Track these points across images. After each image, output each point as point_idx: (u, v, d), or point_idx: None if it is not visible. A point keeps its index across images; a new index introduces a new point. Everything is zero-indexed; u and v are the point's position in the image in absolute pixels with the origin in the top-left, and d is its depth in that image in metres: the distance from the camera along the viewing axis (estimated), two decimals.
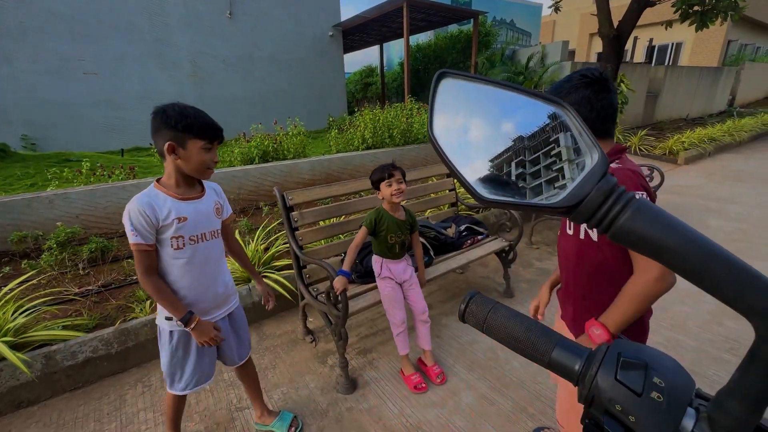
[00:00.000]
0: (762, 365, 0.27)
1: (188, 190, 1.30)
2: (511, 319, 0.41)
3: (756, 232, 3.77)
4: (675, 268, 0.29)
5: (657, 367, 0.33)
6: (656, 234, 0.28)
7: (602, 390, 0.33)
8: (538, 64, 9.96)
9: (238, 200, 4.30)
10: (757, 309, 0.26)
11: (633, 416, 0.31)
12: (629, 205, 0.29)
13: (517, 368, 2.05)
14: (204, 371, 1.43)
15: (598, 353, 0.36)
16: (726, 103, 14.59)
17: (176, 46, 8.44)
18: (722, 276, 0.27)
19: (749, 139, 9.06)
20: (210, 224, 1.35)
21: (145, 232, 1.20)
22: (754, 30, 19.88)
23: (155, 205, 1.22)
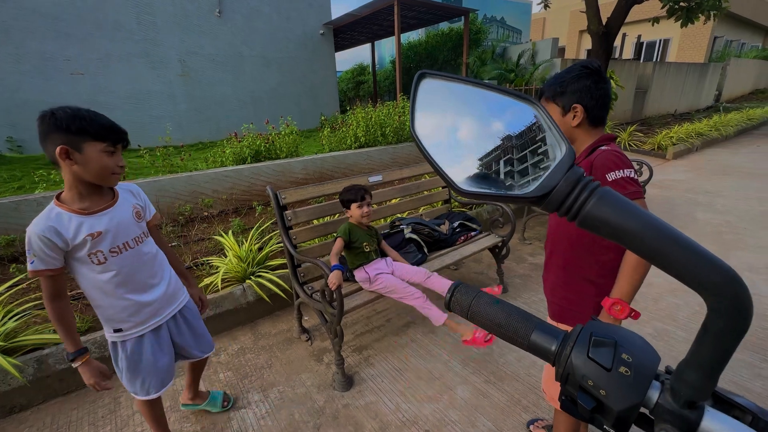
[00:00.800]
0: (713, 336, 0.29)
1: (95, 202, 1.18)
2: (493, 306, 0.43)
3: (742, 224, 3.86)
4: (635, 250, 0.30)
5: (625, 344, 0.35)
6: (618, 220, 0.30)
7: (576, 367, 0.35)
8: (529, 61, 10.03)
9: (231, 200, 4.28)
10: (705, 284, 0.28)
11: (603, 390, 0.34)
12: (594, 193, 0.31)
13: (511, 362, 2.08)
14: (165, 372, 1.39)
15: (572, 334, 0.38)
16: (713, 98, 14.85)
17: (164, 45, 8.33)
18: (676, 256, 0.29)
19: (735, 134, 9.24)
20: (130, 232, 1.25)
21: (48, 258, 1.10)
22: (739, 26, 20.25)
23: (58, 227, 1.10)
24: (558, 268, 1.22)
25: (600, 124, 1.14)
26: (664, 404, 0.33)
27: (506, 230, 2.78)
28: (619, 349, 0.35)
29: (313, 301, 2.04)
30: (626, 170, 1.03)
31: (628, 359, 0.34)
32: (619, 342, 0.35)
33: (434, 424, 1.71)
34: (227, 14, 9.07)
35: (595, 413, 0.35)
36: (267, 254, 2.83)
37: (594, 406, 0.34)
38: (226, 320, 2.45)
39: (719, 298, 0.28)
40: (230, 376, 2.08)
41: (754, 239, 3.49)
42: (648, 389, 0.33)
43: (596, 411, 0.35)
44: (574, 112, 1.11)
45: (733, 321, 0.28)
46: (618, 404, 0.33)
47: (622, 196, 0.32)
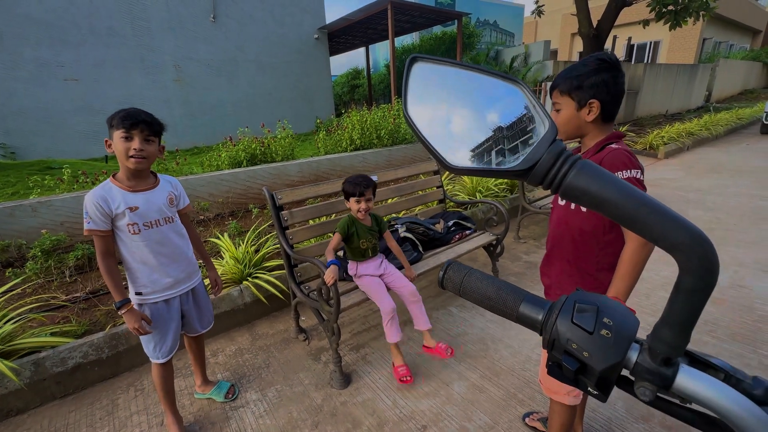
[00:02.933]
0: (684, 294, 0.32)
1: (139, 183, 1.47)
2: (483, 281, 0.45)
3: (732, 220, 3.93)
4: (613, 216, 0.33)
5: (606, 310, 0.37)
6: (597, 189, 0.32)
7: (561, 333, 0.38)
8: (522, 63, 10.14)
9: (227, 203, 4.29)
10: (676, 245, 0.31)
11: (587, 352, 0.36)
12: (575, 165, 0.33)
13: (506, 357, 2.10)
14: (172, 339, 1.61)
15: (557, 303, 0.40)
16: (703, 98, 15.06)
17: (159, 50, 8.35)
18: (650, 220, 0.31)
19: (725, 133, 9.38)
20: (162, 212, 1.51)
21: (99, 220, 1.37)
22: (727, 28, 20.60)
23: (108, 197, 1.39)
24: (562, 260, 1.24)
25: (611, 120, 1.15)
26: (643, 363, 0.35)
27: (500, 229, 2.82)
28: (601, 313, 0.37)
29: (310, 300, 2.06)
30: (634, 170, 1.05)
31: (609, 323, 0.36)
32: (601, 308, 0.37)
33: (431, 419, 1.73)
34: (221, 19, 9.11)
35: (579, 375, 0.37)
36: (263, 256, 2.84)
37: (578, 368, 0.37)
38: (224, 322, 2.45)
39: (688, 257, 0.31)
40: (228, 376, 2.08)
41: (743, 235, 3.55)
42: (628, 350, 0.36)
43: (580, 372, 0.37)
44: (590, 107, 1.10)
45: (701, 279, 0.31)
46: (600, 364, 0.35)
47: (600, 167, 0.34)
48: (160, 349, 1.58)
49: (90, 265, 3.01)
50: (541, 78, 9.39)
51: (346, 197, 2.07)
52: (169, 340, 1.60)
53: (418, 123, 0.38)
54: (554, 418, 1.35)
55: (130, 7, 7.83)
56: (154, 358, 1.60)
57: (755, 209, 4.20)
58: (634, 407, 1.73)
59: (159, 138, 1.46)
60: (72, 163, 5.39)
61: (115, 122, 1.34)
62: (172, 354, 1.62)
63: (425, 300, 2.74)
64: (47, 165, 5.79)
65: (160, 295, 1.55)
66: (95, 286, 2.72)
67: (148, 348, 1.59)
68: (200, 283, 1.74)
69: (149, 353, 1.60)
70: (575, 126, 1.16)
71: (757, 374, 0.36)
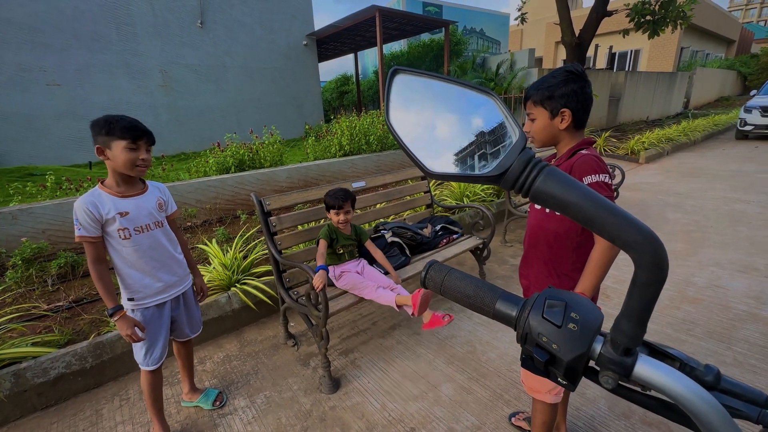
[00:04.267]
0: (639, 288, 0.35)
1: (129, 188, 1.49)
2: (463, 280, 0.48)
3: (708, 223, 4.07)
4: (576, 218, 0.36)
5: (574, 305, 0.40)
6: (561, 193, 0.35)
7: (533, 327, 0.41)
8: (508, 70, 10.35)
9: (215, 209, 4.26)
10: (630, 243, 0.34)
11: (555, 344, 0.39)
12: (542, 171, 0.36)
13: (493, 359, 2.14)
14: (162, 346, 1.62)
15: (530, 300, 0.43)
16: (681, 105, 15.58)
17: (145, 55, 8.27)
18: (607, 221, 0.34)
19: (702, 138, 9.72)
20: (152, 216, 1.54)
21: (89, 226, 1.38)
22: (703, 37, 21.40)
23: (98, 203, 1.40)
24: (539, 262, 1.30)
25: (582, 127, 1.22)
26: (606, 354, 0.38)
27: (487, 233, 2.87)
28: (569, 309, 0.40)
29: (299, 305, 2.07)
30: (602, 175, 1.11)
31: (576, 317, 0.39)
32: (569, 303, 0.40)
33: (420, 422, 1.75)
34: (209, 25, 9.09)
35: (549, 366, 0.40)
36: (252, 262, 2.83)
37: (548, 359, 0.40)
38: (212, 328, 2.43)
39: (641, 254, 0.34)
40: (216, 383, 2.07)
41: (719, 237, 3.68)
42: (593, 342, 0.39)
43: (550, 363, 0.40)
44: (562, 116, 1.16)
45: (653, 273, 0.34)
46: (567, 355, 0.38)
47: (565, 173, 0.37)
48: (151, 355, 1.58)
49: (73, 273, 2.96)
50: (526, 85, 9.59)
51: (327, 209, 2.22)
52: (160, 346, 1.60)
53: (399, 131, 0.41)
54: (536, 416, 1.38)
55: (114, 11, 7.75)
56: (144, 365, 1.59)
57: (731, 212, 4.36)
58: (616, 405, 1.78)
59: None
60: (55, 170, 5.28)
61: (118, 132, 1.35)
62: (162, 360, 1.62)
63: None
64: (28, 172, 5.66)
65: (152, 300, 1.55)
66: (78, 295, 2.67)
67: (138, 355, 1.58)
68: (190, 287, 1.76)
69: (139, 360, 1.59)
70: (549, 134, 1.21)
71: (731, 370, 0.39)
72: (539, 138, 1.23)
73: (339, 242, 2.22)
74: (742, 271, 3.00)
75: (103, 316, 2.39)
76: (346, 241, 2.25)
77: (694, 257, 3.28)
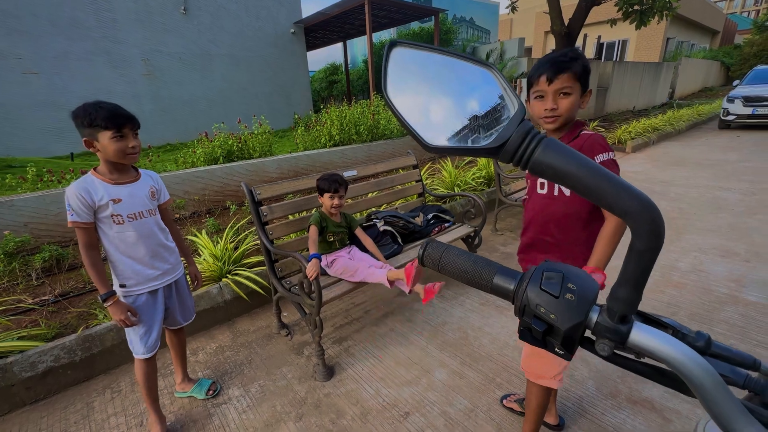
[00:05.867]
0: (635, 255, 0.36)
1: (121, 176, 1.48)
2: (460, 256, 0.48)
3: (692, 210, 4.18)
4: (574, 188, 0.36)
5: (571, 277, 0.41)
6: (561, 164, 0.36)
7: (530, 299, 0.41)
8: (498, 60, 10.34)
9: (204, 201, 4.20)
10: (628, 211, 0.34)
11: (553, 314, 0.40)
12: (541, 142, 0.36)
13: (485, 344, 2.18)
14: (156, 333, 1.61)
15: (527, 273, 0.43)
16: (667, 95, 15.80)
17: (126, 43, 8.00)
18: (606, 190, 0.35)
19: (687, 128, 9.90)
20: (145, 204, 1.54)
21: (82, 212, 1.38)
22: (689, 28, 21.65)
23: (90, 189, 1.40)
24: (553, 246, 1.28)
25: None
26: (602, 322, 0.39)
27: (478, 221, 2.90)
28: (566, 280, 0.41)
29: (292, 294, 2.06)
30: (611, 153, 1.14)
31: (573, 288, 0.40)
32: (566, 275, 0.41)
33: (413, 406, 1.78)
34: (193, 11, 8.82)
35: (546, 336, 0.41)
36: (243, 252, 2.81)
37: (545, 329, 0.40)
38: (204, 319, 2.42)
39: (638, 222, 0.34)
40: (209, 374, 2.06)
41: (702, 223, 3.79)
42: (590, 312, 0.40)
43: (547, 334, 0.41)
44: (589, 95, 1.17)
45: (650, 241, 0.35)
46: (565, 324, 0.39)
47: (563, 144, 0.37)
48: (145, 342, 1.57)
49: (58, 266, 2.89)
50: (516, 74, 9.60)
51: (320, 193, 2.20)
52: (154, 333, 1.60)
53: (397, 105, 0.40)
54: (532, 399, 1.40)
55: None
56: (138, 353, 1.58)
57: (713, 199, 4.47)
58: (603, 385, 1.83)
59: None
60: (35, 162, 5.11)
61: (100, 122, 1.32)
62: (156, 349, 1.62)
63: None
64: (7, 163, 5.47)
65: (144, 287, 1.55)
66: (64, 288, 2.62)
67: (133, 342, 1.58)
68: (183, 275, 1.75)
69: (134, 348, 1.58)
70: (574, 113, 1.17)
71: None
72: (567, 116, 1.16)
73: (329, 229, 2.21)
74: (724, 255, 3.09)
75: (92, 308, 2.35)
76: (337, 228, 2.25)
77: (678, 243, 3.37)
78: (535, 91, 1.19)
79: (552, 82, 1.13)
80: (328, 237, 2.23)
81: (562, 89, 1.13)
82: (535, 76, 1.17)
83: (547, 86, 1.14)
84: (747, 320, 2.26)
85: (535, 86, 1.18)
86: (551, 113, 1.16)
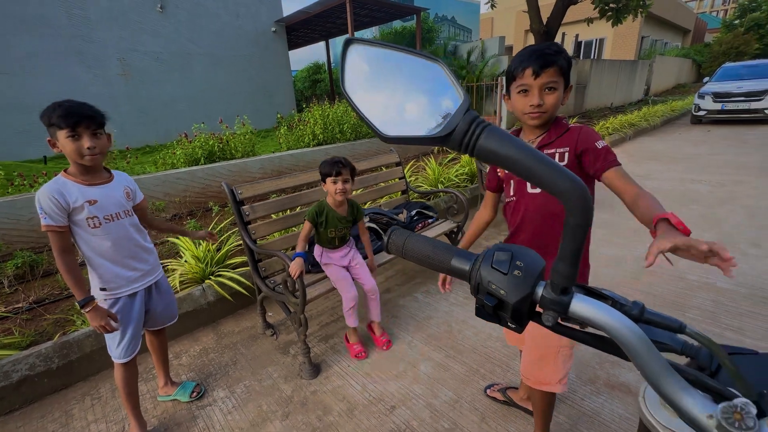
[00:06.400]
0: (570, 230, 0.38)
1: (94, 177, 1.45)
2: (422, 242, 0.50)
3: (665, 203, 4.26)
4: (514, 170, 0.39)
5: (519, 255, 0.44)
6: (503, 149, 0.38)
7: (483, 277, 0.44)
8: (479, 58, 10.46)
9: (185, 203, 4.12)
10: (561, 190, 0.37)
11: (503, 290, 0.42)
12: (485, 129, 0.38)
13: (469, 337, 2.22)
14: (135, 337, 1.58)
15: (481, 254, 0.46)
16: (642, 92, 16.30)
17: (100, 42, 7.77)
18: (543, 172, 0.37)
19: (661, 123, 10.24)
20: (121, 205, 1.51)
21: (55, 215, 1.32)
22: (662, 27, 22.37)
23: (64, 191, 1.35)
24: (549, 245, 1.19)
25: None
26: (547, 295, 0.42)
27: (461, 217, 2.94)
28: (514, 258, 0.44)
29: (276, 293, 2.06)
30: (603, 141, 1.13)
31: (521, 264, 0.43)
32: (515, 253, 0.44)
33: (399, 399, 1.80)
34: (170, 9, 8.62)
35: (498, 310, 0.44)
36: (226, 253, 2.78)
37: (496, 304, 0.43)
38: (187, 322, 2.38)
39: (572, 200, 0.37)
40: (193, 376, 2.03)
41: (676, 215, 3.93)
42: (536, 286, 0.43)
43: (499, 308, 0.44)
44: (570, 90, 1.13)
45: (581, 217, 0.37)
46: (513, 298, 0.42)
47: (504, 131, 0.39)
48: (126, 347, 1.54)
49: (32, 273, 2.80)
50: (497, 72, 9.74)
51: (323, 179, 1.97)
52: (133, 337, 1.57)
53: (355, 99, 0.42)
54: (538, 404, 1.37)
55: None
56: (117, 358, 1.55)
57: (685, 192, 4.65)
58: (582, 372, 1.89)
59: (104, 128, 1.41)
60: (5, 165, 4.91)
61: (55, 120, 1.27)
62: (135, 352, 1.59)
63: (393, 288, 2.82)
64: None
65: (125, 290, 1.52)
66: (39, 296, 2.53)
67: (111, 347, 1.55)
68: (163, 276, 1.73)
69: (113, 352, 1.55)
70: (557, 109, 1.13)
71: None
72: (552, 112, 1.12)
73: (330, 224, 1.99)
74: None
75: (68, 315, 2.28)
76: (339, 223, 2.00)
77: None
78: (520, 85, 1.10)
79: (538, 76, 1.06)
80: (330, 232, 2.01)
81: (549, 84, 1.07)
82: (519, 69, 1.08)
83: (533, 80, 1.07)
84: (717, 305, 2.36)
85: (519, 80, 1.10)
86: (537, 109, 1.10)
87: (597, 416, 1.64)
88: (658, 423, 0.41)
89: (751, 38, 21.49)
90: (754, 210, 3.87)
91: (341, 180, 1.92)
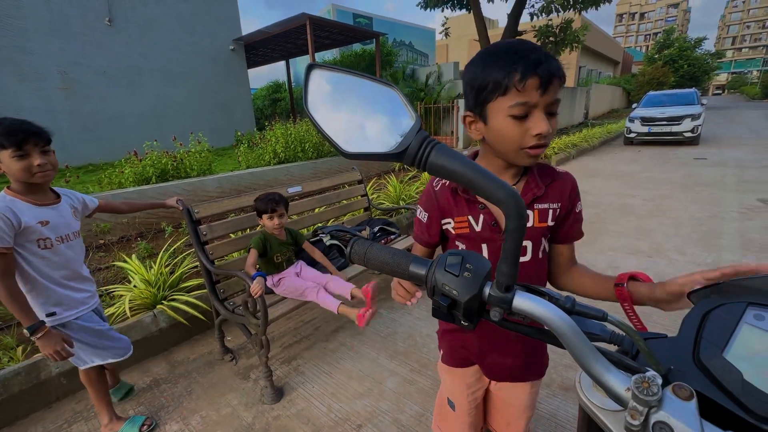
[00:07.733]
0: (509, 234, 0.44)
1: (42, 197, 1.40)
2: (382, 250, 0.54)
3: (606, 215, 4.74)
4: (462, 183, 0.44)
5: (469, 258, 0.49)
6: (450, 164, 0.44)
7: (438, 279, 0.48)
8: (436, 81, 11.00)
9: (134, 224, 3.87)
10: (500, 198, 0.43)
11: (455, 290, 0.47)
12: (435, 147, 0.44)
13: (433, 350, 2.25)
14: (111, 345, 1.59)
15: (436, 259, 0.51)
16: (582, 115, 17.89)
17: (39, 54, 7.25)
18: (484, 184, 0.43)
19: (599, 144, 11.27)
20: (70, 226, 1.48)
21: (4, 234, 1.25)
22: (597, 58, 24.95)
23: (15, 209, 1.28)
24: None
25: None
26: (493, 293, 0.47)
27: None
28: (465, 261, 0.48)
29: (236, 315, 1.98)
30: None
31: (470, 267, 0.48)
32: (465, 257, 0.49)
33: (366, 418, 1.78)
34: (119, 23, 8.28)
35: (451, 309, 0.48)
36: (180, 276, 2.63)
37: (449, 304, 0.47)
38: (136, 352, 2.18)
39: (509, 206, 0.42)
40: (143, 411, 1.88)
41: (614, 226, 4.31)
42: (484, 286, 0.47)
43: (452, 308, 0.48)
44: None
45: (517, 222, 0.43)
46: (463, 297, 0.47)
47: (450, 148, 0.45)
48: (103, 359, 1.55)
49: None
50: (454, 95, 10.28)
51: (258, 215, 2.14)
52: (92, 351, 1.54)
53: (317, 118, 0.46)
54: None
55: None
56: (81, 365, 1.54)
57: (622, 206, 5.12)
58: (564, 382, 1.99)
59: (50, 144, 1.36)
60: None
61: None
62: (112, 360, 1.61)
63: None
64: None
65: (75, 311, 1.48)
66: None
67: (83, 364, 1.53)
68: (99, 304, 1.68)
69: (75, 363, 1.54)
70: None
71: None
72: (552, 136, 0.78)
73: (274, 250, 2.15)
74: (632, 253, 3.55)
75: None
76: (282, 247, 2.19)
77: (596, 244, 3.80)
78: (517, 103, 0.70)
79: (546, 92, 0.70)
80: (275, 258, 2.17)
81: (554, 103, 0.73)
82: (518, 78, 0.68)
83: (539, 96, 0.70)
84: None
85: (515, 95, 0.70)
86: (544, 141, 0.73)
87: (554, 417, 1.73)
88: (592, 403, 0.47)
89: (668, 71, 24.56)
90: (679, 221, 4.35)
91: (276, 216, 2.10)
